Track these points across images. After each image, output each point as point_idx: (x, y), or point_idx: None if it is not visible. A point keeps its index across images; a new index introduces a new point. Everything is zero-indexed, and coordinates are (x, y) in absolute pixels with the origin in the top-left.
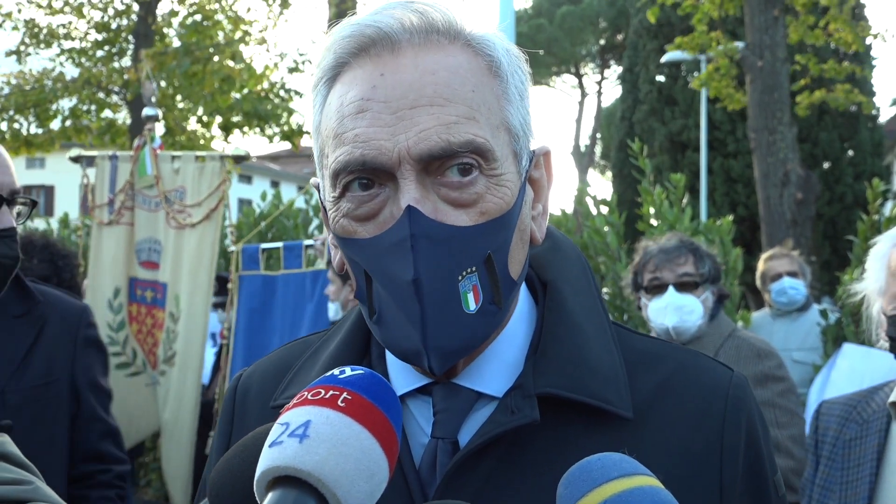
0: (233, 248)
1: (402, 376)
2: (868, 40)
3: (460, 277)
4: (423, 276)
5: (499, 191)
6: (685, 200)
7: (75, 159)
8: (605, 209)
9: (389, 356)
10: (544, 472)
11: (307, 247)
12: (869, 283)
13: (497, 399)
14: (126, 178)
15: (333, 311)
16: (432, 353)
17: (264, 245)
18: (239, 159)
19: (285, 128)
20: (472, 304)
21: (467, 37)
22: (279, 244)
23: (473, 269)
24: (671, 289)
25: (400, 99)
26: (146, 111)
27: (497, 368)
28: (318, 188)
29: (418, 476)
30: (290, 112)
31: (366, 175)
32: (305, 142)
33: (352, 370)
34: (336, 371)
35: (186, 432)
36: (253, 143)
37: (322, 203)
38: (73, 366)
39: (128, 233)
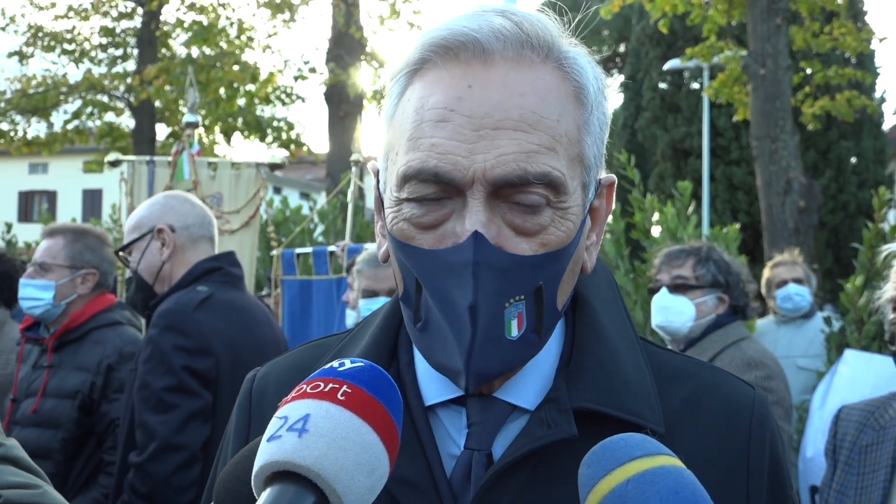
0: (274, 252)
1: (434, 386)
2: (872, 44)
3: (507, 304)
4: (481, 304)
5: (563, 224)
6: (691, 208)
7: (114, 163)
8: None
9: (419, 365)
10: (577, 487)
11: (330, 253)
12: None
13: (529, 411)
14: (165, 182)
15: (354, 318)
16: (472, 376)
17: (298, 250)
18: (274, 167)
19: (283, 136)
20: (514, 331)
21: (559, 57)
22: (309, 249)
23: (522, 297)
24: (664, 290)
25: (484, 117)
26: (186, 117)
27: (532, 381)
28: (376, 174)
29: (450, 487)
30: (291, 126)
31: (435, 187)
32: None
33: (351, 362)
34: (335, 363)
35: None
36: (253, 149)
37: (378, 191)
38: None
39: None
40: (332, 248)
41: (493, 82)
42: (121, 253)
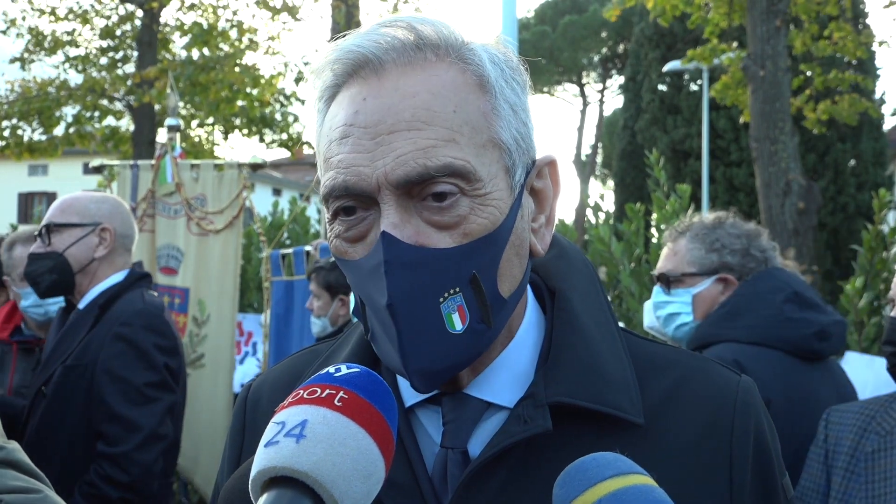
0: (263, 253)
1: (410, 387)
2: (873, 47)
3: (442, 299)
4: (397, 301)
5: (484, 211)
6: (690, 211)
7: (97, 168)
8: (603, 216)
9: None
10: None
11: (307, 253)
12: None
13: (507, 409)
14: (148, 186)
15: (319, 327)
16: (413, 374)
17: (283, 251)
18: (256, 167)
19: (284, 136)
20: (458, 325)
21: (458, 52)
22: (290, 250)
23: (457, 289)
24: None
25: (379, 124)
26: (168, 121)
27: (506, 378)
28: None
29: (432, 486)
30: (290, 122)
31: (350, 200)
32: (305, 151)
33: (348, 368)
34: (332, 369)
35: (220, 432)
36: (252, 149)
37: None
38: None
39: (149, 240)
40: (307, 247)
41: (386, 90)
42: (44, 229)
